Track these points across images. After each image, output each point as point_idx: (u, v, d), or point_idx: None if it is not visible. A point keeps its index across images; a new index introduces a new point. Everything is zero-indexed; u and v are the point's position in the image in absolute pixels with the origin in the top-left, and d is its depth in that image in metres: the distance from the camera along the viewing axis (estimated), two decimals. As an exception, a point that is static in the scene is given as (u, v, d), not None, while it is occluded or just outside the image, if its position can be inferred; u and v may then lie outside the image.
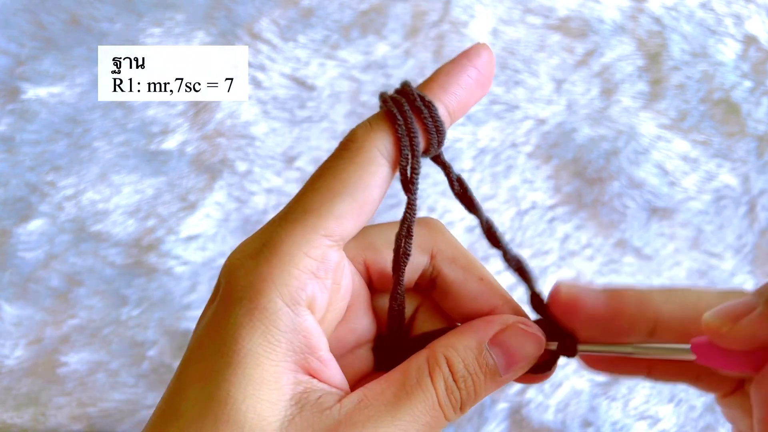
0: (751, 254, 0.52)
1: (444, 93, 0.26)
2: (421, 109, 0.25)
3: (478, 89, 0.26)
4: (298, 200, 0.25)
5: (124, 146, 0.54)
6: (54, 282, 0.50)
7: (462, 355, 0.25)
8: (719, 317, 0.23)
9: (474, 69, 0.26)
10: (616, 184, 0.52)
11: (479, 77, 0.26)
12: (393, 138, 0.25)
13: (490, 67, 0.26)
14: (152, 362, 0.48)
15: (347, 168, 0.24)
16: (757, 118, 0.55)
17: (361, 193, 0.24)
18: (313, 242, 0.24)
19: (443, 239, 0.28)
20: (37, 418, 0.48)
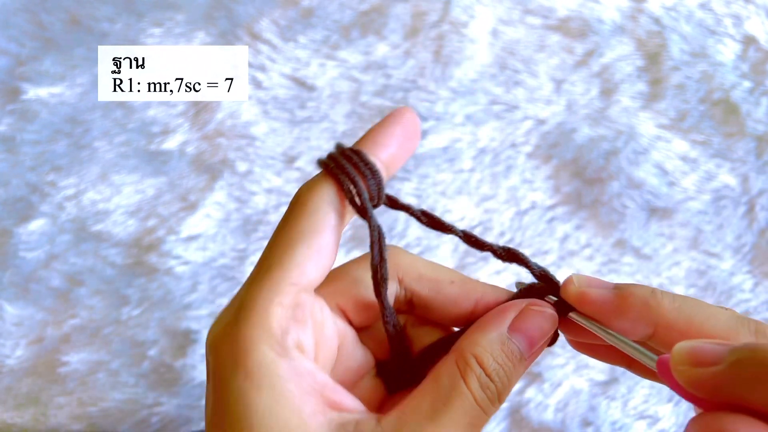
0: (750, 254, 0.52)
1: (374, 146, 0.28)
2: (352, 157, 0.27)
3: (407, 142, 0.29)
4: (260, 262, 0.26)
5: (125, 146, 0.54)
6: (55, 282, 0.50)
7: (489, 350, 0.26)
8: (684, 355, 0.23)
9: (399, 126, 0.28)
10: (616, 184, 0.52)
11: (406, 132, 0.29)
12: (333, 184, 0.27)
13: (414, 124, 0.29)
14: (152, 362, 0.48)
15: (298, 221, 0.26)
16: (756, 118, 0.55)
17: (315, 239, 0.26)
18: (283, 292, 0.25)
19: (405, 261, 0.30)
20: (38, 418, 0.48)
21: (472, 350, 0.26)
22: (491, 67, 0.56)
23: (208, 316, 0.50)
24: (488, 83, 0.56)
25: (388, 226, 0.52)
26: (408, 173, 0.53)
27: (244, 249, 0.51)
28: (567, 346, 0.50)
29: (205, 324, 0.49)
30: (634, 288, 0.26)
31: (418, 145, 0.28)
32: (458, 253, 0.51)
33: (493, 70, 0.56)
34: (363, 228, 0.52)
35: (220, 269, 0.51)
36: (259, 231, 0.52)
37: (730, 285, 0.51)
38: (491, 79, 0.56)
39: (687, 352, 0.23)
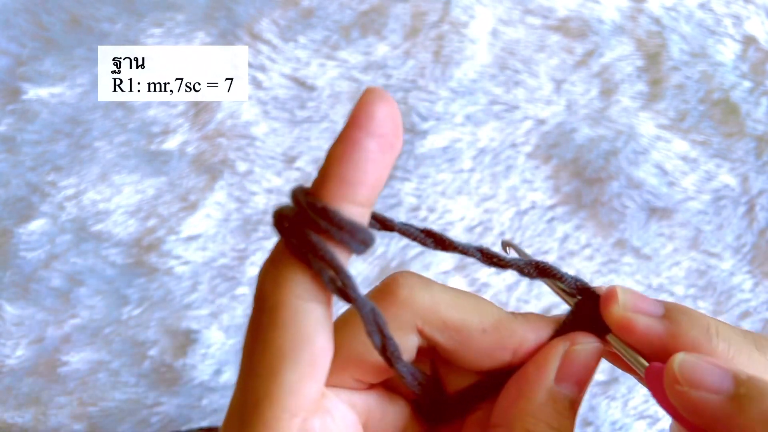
0: (750, 254, 0.52)
1: (344, 187, 0.20)
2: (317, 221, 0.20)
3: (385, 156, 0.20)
4: (244, 389, 0.21)
5: (125, 146, 0.54)
6: (55, 282, 0.50)
7: (541, 416, 0.22)
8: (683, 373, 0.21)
9: (370, 139, 0.20)
10: (616, 184, 0.53)
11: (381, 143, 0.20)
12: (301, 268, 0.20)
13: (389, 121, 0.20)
14: (153, 362, 0.48)
15: (274, 335, 0.20)
16: (756, 119, 0.55)
17: (303, 353, 0.20)
18: (285, 428, 0.20)
19: (423, 305, 0.23)
20: (38, 418, 0.48)
21: (524, 424, 0.22)
22: (491, 67, 0.56)
23: (208, 316, 0.50)
24: (488, 83, 0.56)
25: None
26: (408, 173, 0.53)
27: (244, 249, 0.51)
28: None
29: (205, 324, 0.49)
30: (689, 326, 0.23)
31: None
32: (458, 253, 0.51)
33: (493, 71, 0.56)
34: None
35: (221, 269, 0.51)
36: (259, 231, 0.52)
37: (730, 285, 0.51)
38: (491, 80, 0.56)
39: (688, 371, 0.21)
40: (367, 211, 0.21)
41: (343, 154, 0.20)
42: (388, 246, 0.51)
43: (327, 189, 0.20)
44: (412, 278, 0.24)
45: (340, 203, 0.20)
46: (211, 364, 0.48)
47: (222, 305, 0.50)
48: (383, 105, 0.20)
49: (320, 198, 0.20)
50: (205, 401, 0.48)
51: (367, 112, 0.20)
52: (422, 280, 0.24)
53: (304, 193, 0.21)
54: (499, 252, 0.25)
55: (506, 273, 0.51)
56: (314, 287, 0.20)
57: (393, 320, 0.23)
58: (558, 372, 0.23)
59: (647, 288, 0.51)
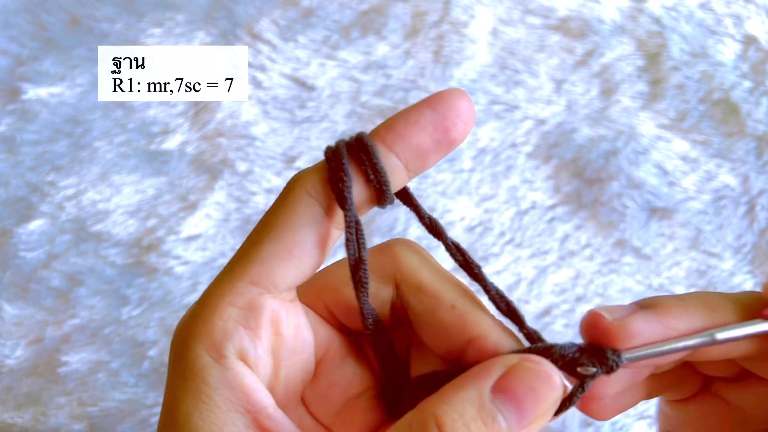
0: (751, 254, 0.52)
1: (394, 137, 0.23)
2: (357, 147, 0.23)
3: (436, 130, 0.23)
4: (233, 256, 0.24)
5: (125, 146, 0.54)
6: (55, 282, 0.50)
7: (459, 412, 0.20)
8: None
9: (434, 113, 0.23)
10: (616, 184, 0.53)
11: (437, 120, 0.23)
12: (321, 176, 0.23)
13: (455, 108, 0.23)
14: (153, 362, 0.48)
15: (275, 212, 0.23)
16: (756, 118, 0.55)
17: (287, 235, 0.22)
18: (238, 290, 0.22)
19: (408, 264, 0.25)
20: (38, 418, 0.48)
21: (437, 408, 0.20)
22: (491, 67, 0.56)
23: (208, 316, 0.50)
24: (488, 83, 0.56)
25: (388, 225, 0.52)
26: (408, 173, 0.53)
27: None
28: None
29: (205, 324, 0.49)
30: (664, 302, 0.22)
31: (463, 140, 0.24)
32: (458, 253, 0.51)
33: (493, 70, 0.56)
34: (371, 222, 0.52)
35: (220, 269, 0.51)
36: (259, 231, 0.52)
37: (731, 285, 0.51)
38: (491, 79, 0.56)
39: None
40: (402, 169, 0.23)
41: (401, 113, 0.23)
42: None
43: (376, 132, 0.23)
44: (409, 243, 0.26)
45: (380, 144, 0.23)
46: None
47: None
48: (459, 97, 0.23)
49: (372, 136, 0.23)
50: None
51: (442, 95, 0.23)
52: (418, 247, 0.26)
53: (361, 133, 0.24)
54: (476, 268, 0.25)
55: (506, 273, 0.51)
56: (325, 196, 0.23)
57: (378, 267, 0.24)
58: (497, 382, 0.21)
59: (647, 288, 0.51)
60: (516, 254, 0.51)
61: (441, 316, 0.24)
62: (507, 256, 0.51)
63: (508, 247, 0.52)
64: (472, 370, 0.22)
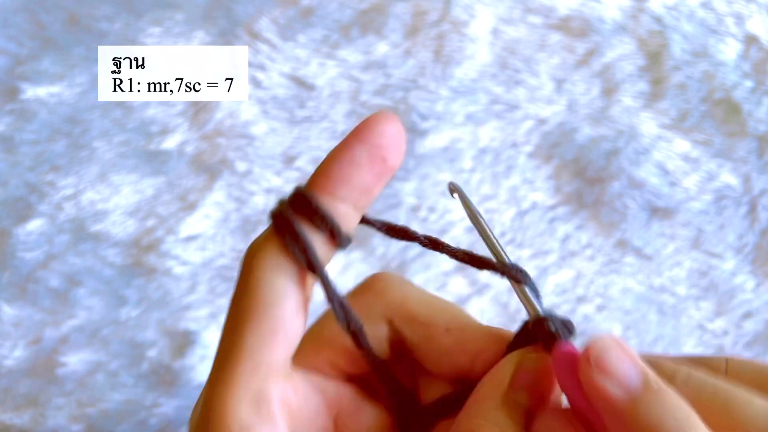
0: (752, 254, 0.52)
1: (334, 184, 0.22)
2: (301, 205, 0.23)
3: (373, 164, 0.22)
4: (218, 350, 0.23)
5: (124, 146, 0.54)
6: (53, 282, 0.50)
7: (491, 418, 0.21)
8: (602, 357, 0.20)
9: (366, 146, 0.22)
10: (617, 184, 0.52)
11: (371, 153, 0.22)
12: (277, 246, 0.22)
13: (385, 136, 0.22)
14: (152, 363, 0.48)
15: (244, 297, 0.22)
16: (758, 118, 0.55)
17: (265, 318, 0.22)
18: (241, 387, 0.21)
19: (394, 299, 0.25)
20: (36, 419, 0.48)
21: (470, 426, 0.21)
22: (492, 66, 0.56)
23: (207, 317, 0.49)
24: (489, 83, 0.55)
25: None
26: (408, 173, 0.53)
27: (243, 249, 0.51)
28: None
29: (204, 325, 0.49)
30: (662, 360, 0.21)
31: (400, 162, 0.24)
32: (458, 253, 0.51)
33: (494, 70, 0.56)
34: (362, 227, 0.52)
35: (220, 270, 0.51)
36: (258, 231, 0.52)
37: (732, 285, 0.51)
38: (492, 79, 0.56)
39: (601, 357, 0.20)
40: (351, 211, 0.23)
41: (334, 155, 0.23)
42: (388, 247, 0.51)
43: (313, 182, 0.23)
44: (389, 276, 0.26)
45: (323, 196, 0.22)
46: (210, 365, 0.48)
47: (221, 306, 0.50)
48: (385, 122, 0.22)
49: (311, 189, 0.23)
50: (204, 402, 0.48)
51: (367, 124, 0.22)
52: (399, 279, 0.26)
53: (298, 188, 0.23)
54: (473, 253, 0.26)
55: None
56: (288, 263, 0.22)
57: (366, 309, 0.24)
58: (512, 379, 0.22)
59: (648, 288, 0.51)
60: (516, 254, 0.51)
61: (438, 341, 0.24)
62: (507, 256, 0.51)
63: (508, 247, 0.51)
64: (486, 379, 0.23)
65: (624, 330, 0.50)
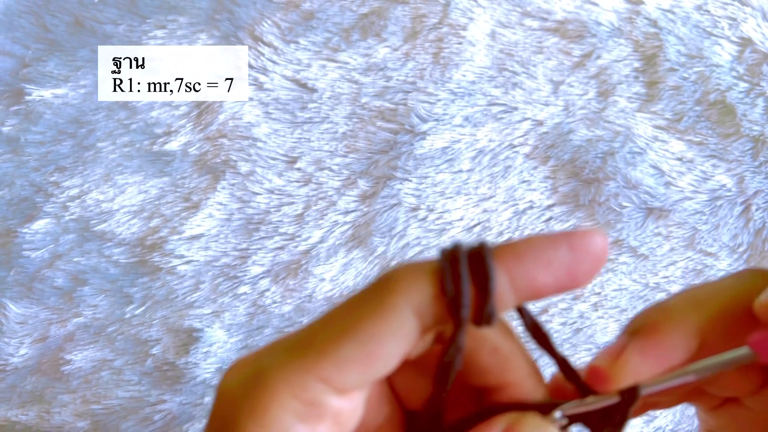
0: (747, 254, 0.52)
1: (519, 270, 0.21)
2: (475, 258, 0.21)
3: (567, 281, 0.21)
4: (306, 330, 0.21)
5: (128, 147, 0.54)
6: (59, 281, 0.51)
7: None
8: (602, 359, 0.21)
9: (571, 255, 0.21)
10: (613, 184, 0.53)
11: (574, 268, 0.21)
12: (432, 291, 0.21)
13: (593, 256, 0.21)
14: (156, 360, 0.49)
15: (365, 309, 0.21)
16: (752, 120, 0.55)
17: (373, 343, 0.20)
18: (304, 383, 0.20)
19: None
20: (42, 416, 0.48)
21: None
22: (490, 69, 0.56)
23: (210, 315, 0.50)
24: (487, 85, 0.56)
25: (388, 225, 0.52)
26: (407, 173, 0.54)
27: (246, 249, 0.52)
28: (564, 345, 0.50)
29: (207, 322, 0.50)
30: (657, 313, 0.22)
31: None
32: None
33: (492, 72, 0.56)
34: (371, 222, 0.52)
35: (223, 268, 0.51)
36: (260, 231, 0.52)
37: (726, 284, 0.52)
38: (490, 81, 0.56)
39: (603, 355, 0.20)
40: (512, 299, 0.21)
41: (539, 244, 0.21)
42: (388, 246, 0.51)
43: (502, 253, 0.21)
44: None
45: (502, 269, 0.21)
46: (214, 362, 0.49)
47: (224, 304, 0.50)
48: (600, 241, 0.21)
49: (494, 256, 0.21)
50: (208, 399, 0.48)
51: (584, 236, 0.21)
52: None
53: (483, 243, 0.21)
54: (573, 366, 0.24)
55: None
56: (427, 308, 0.21)
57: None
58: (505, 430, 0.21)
59: (644, 287, 0.51)
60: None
61: (482, 357, 0.23)
62: (505, 255, 0.52)
63: (506, 246, 0.52)
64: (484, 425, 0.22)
65: (619, 328, 0.50)
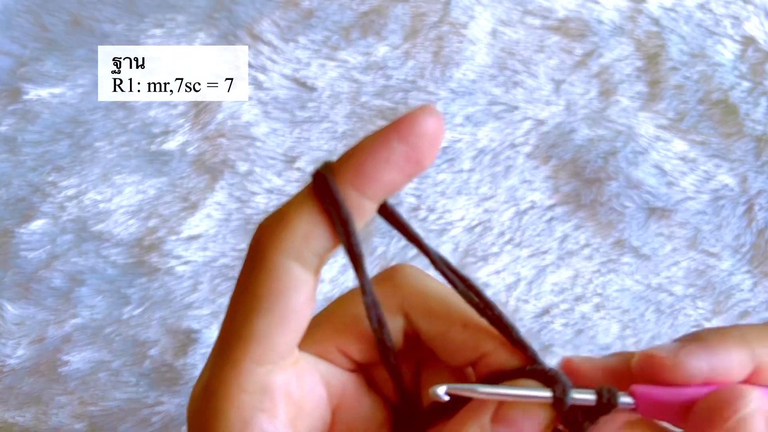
0: (749, 254, 0.52)
1: (364, 180, 0.21)
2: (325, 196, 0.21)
3: (408, 165, 0.21)
4: (222, 332, 0.22)
5: (126, 147, 0.54)
6: (56, 282, 0.51)
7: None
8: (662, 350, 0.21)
9: (405, 146, 0.21)
10: (615, 184, 0.53)
11: (409, 153, 0.21)
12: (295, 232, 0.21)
13: (427, 137, 0.21)
14: (154, 361, 0.49)
15: (255, 281, 0.22)
16: (755, 119, 0.55)
17: (277, 305, 0.21)
18: (245, 374, 0.21)
19: (413, 292, 0.25)
20: (39, 417, 0.48)
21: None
22: (491, 67, 0.56)
23: (209, 316, 0.50)
24: (488, 84, 0.56)
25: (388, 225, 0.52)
26: (408, 173, 0.53)
27: (245, 249, 0.51)
28: (566, 346, 0.50)
29: (206, 323, 0.49)
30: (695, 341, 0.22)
31: None
32: (458, 252, 0.51)
33: (493, 71, 0.56)
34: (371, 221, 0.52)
35: (221, 269, 0.51)
36: (259, 231, 0.52)
37: (730, 285, 0.51)
38: (491, 80, 0.56)
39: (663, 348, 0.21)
40: (372, 207, 0.22)
41: (369, 147, 0.21)
42: (388, 246, 0.51)
43: (342, 172, 0.21)
44: (410, 269, 0.26)
45: (349, 188, 0.21)
46: (212, 363, 0.49)
47: (223, 305, 0.50)
48: (428, 119, 0.21)
49: (334, 176, 0.21)
50: (206, 401, 0.48)
51: (410, 120, 0.21)
52: (418, 271, 0.26)
53: (326, 167, 0.22)
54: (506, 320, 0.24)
55: (505, 273, 0.51)
56: (304, 251, 0.21)
57: (383, 300, 0.24)
58: (495, 412, 0.22)
59: (646, 287, 0.51)
60: (515, 254, 0.52)
61: (454, 336, 0.24)
62: (506, 255, 0.52)
63: (507, 246, 0.52)
64: (472, 404, 0.23)
65: (621, 329, 0.50)
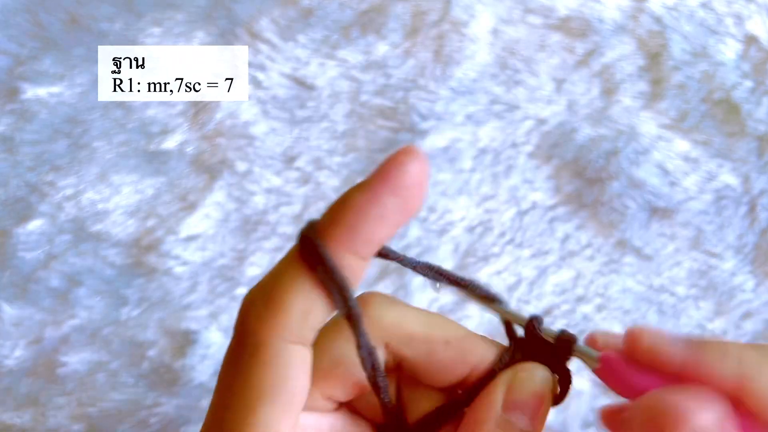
0: (752, 254, 0.52)
1: (357, 241, 0.20)
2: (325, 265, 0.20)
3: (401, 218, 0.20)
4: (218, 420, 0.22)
5: (124, 146, 0.54)
6: (54, 282, 0.50)
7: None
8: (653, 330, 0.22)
9: (398, 200, 0.20)
10: (617, 184, 0.52)
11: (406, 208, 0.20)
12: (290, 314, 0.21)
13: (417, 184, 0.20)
14: (152, 362, 0.48)
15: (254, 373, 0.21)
16: (757, 118, 0.55)
17: (282, 393, 0.21)
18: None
19: (390, 322, 0.24)
20: (37, 418, 0.48)
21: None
22: (492, 66, 0.56)
23: (207, 317, 0.50)
24: (489, 83, 0.56)
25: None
26: (408, 173, 0.53)
27: (244, 249, 0.51)
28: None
29: (204, 324, 0.49)
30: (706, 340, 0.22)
31: None
32: (458, 253, 0.51)
33: (494, 70, 0.56)
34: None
35: (220, 269, 0.51)
36: (258, 231, 0.52)
37: (732, 285, 0.51)
38: (492, 79, 0.56)
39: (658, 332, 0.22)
40: (364, 265, 0.21)
41: (361, 205, 0.20)
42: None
43: (334, 236, 0.20)
44: (378, 298, 0.25)
45: (341, 251, 0.20)
46: (211, 364, 0.48)
47: (221, 306, 0.50)
48: (417, 164, 0.20)
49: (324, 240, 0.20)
50: (205, 402, 0.48)
51: (398, 171, 0.19)
52: (388, 299, 0.25)
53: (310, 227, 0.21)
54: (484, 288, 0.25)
55: (506, 273, 0.51)
56: (304, 330, 0.21)
57: None
58: (504, 401, 0.23)
59: (648, 288, 0.51)
60: (516, 254, 0.51)
61: (440, 356, 0.24)
62: (507, 256, 0.51)
63: (508, 247, 0.52)
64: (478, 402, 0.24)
65: (623, 330, 0.50)
